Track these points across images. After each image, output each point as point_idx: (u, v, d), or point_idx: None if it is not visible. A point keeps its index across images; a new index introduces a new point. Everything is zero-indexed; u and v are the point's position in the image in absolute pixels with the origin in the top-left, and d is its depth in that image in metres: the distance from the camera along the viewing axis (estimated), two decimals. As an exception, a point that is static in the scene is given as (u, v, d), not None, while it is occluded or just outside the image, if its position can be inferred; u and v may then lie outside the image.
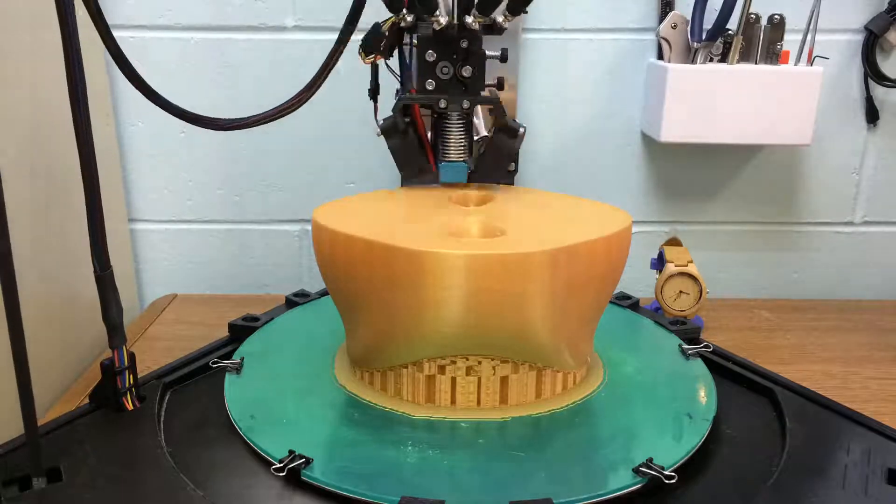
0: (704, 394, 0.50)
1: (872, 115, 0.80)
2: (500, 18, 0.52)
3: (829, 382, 0.62)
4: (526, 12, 0.55)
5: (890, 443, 0.46)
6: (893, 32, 0.77)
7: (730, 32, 0.72)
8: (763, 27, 0.72)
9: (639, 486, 0.40)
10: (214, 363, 0.54)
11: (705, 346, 0.56)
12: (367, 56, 0.53)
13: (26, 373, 0.38)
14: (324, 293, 0.66)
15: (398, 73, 0.58)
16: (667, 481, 0.40)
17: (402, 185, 0.57)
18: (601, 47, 0.79)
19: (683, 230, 0.84)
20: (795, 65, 0.73)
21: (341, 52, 0.50)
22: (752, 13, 0.71)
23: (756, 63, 0.72)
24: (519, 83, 0.77)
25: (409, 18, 0.52)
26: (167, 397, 0.51)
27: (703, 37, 0.72)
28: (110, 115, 0.78)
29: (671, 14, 0.73)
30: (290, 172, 0.82)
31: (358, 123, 0.80)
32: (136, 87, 0.48)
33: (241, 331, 0.59)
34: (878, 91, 0.80)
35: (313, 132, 0.81)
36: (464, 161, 0.55)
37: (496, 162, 0.56)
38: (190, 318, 0.76)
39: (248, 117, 0.50)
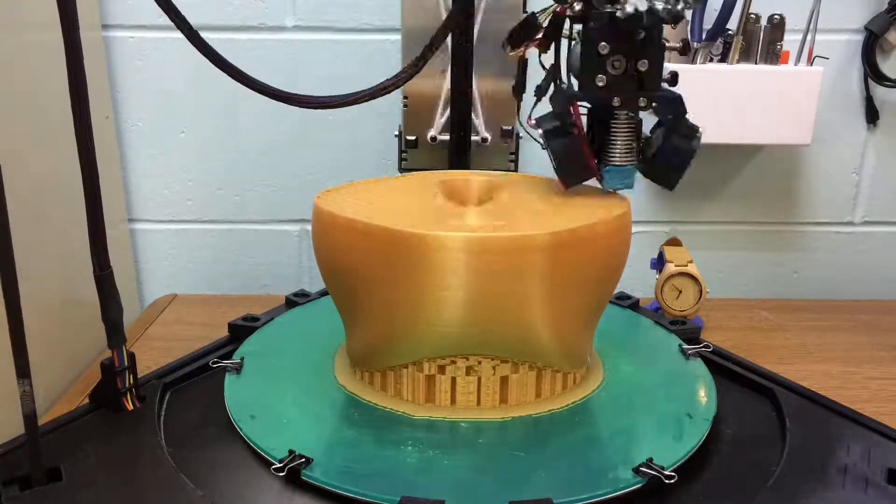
0: (704, 394, 0.50)
1: (872, 115, 0.80)
2: (679, 6, 0.46)
3: (829, 382, 0.62)
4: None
5: (890, 443, 0.46)
6: (893, 32, 0.77)
7: (730, 32, 0.72)
8: (763, 27, 0.72)
9: (639, 485, 0.40)
10: (214, 363, 0.54)
11: (705, 346, 0.56)
12: (513, 49, 0.50)
13: (26, 372, 0.38)
14: (324, 293, 0.66)
15: (546, 67, 0.52)
16: (667, 481, 0.40)
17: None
18: (601, 47, 0.78)
19: (683, 230, 0.84)
20: (795, 65, 0.73)
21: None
22: (752, 13, 0.71)
23: (756, 63, 0.72)
24: (519, 83, 0.77)
25: (578, 7, 0.47)
26: (167, 397, 0.51)
27: (703, 37, 0.72)
28: (110, 115, 0.78)
29: (671, 14, 0.73)
30: (290, 172, 0.82)
31: (359, 122, 0.80)
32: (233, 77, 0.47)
33: (241, 331, 0.59)
34: (878, 91, 0.80)
35: (314, 131, 0.81)
36: (632, 164, 0.50)
37: (669, 168, 0.51)
38: (190, 318, 0.76)
39: (339, 96, 0.50)
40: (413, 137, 0.70)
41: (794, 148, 0.82)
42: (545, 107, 0.51)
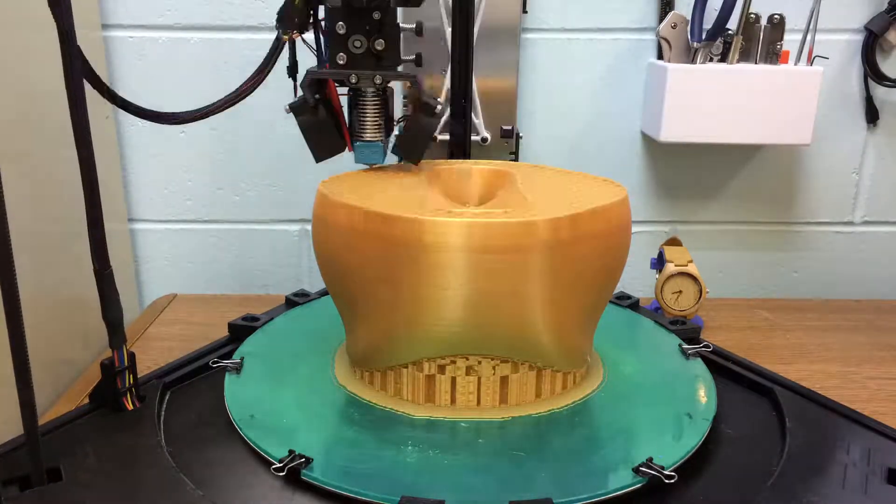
0: (704, 394, 0.50)
1: (872, 115, 0.80)
2: None
3: (829, 382, 0.62)
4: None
5: (890, 443, 0.46)
6: (893, 32, 0.77)
7: (730, 32, 0.72)
8: (763, 27, 0.72)
9: (639, 485, 0.40)
10: (214, 363, 0.54)
11: (705, 346, 0.56)
12: (283, 31, 0.50)
13: (26, 373, 0.38)
14: (324, 293, 0.66)
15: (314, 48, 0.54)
16: (667, 481, 0.40)
17: (317, 163, 0.54)
18: (601, 47, 0.79)
19: (683, 230, 0.84)
20: (795, 65, 0.73)
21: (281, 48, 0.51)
22: (752, 13, 0.71)
23: (756, 63, 0.73)
24: (519, 83, 0.77)
25: None
26: (167, 397, 0.51)
27: (703, 37, 0.72)
28: (110, 115, 0.78)
29: (671, 14, 0.73)
30: (290, 172, 0.82)
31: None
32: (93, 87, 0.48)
33: (241, 331, 0.59)
34: (878, 91, 0.80)
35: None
36: (379, 140, 0.53)
37: (414, 142, 0.54)
38: (190, 318, 0.76)
39: (205, 107, 0.51)
40: (413, 137, 0.70)
41: (794, 148, 0.82)
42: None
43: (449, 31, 0.66)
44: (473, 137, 0.69)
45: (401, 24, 0.51)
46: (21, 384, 0.38)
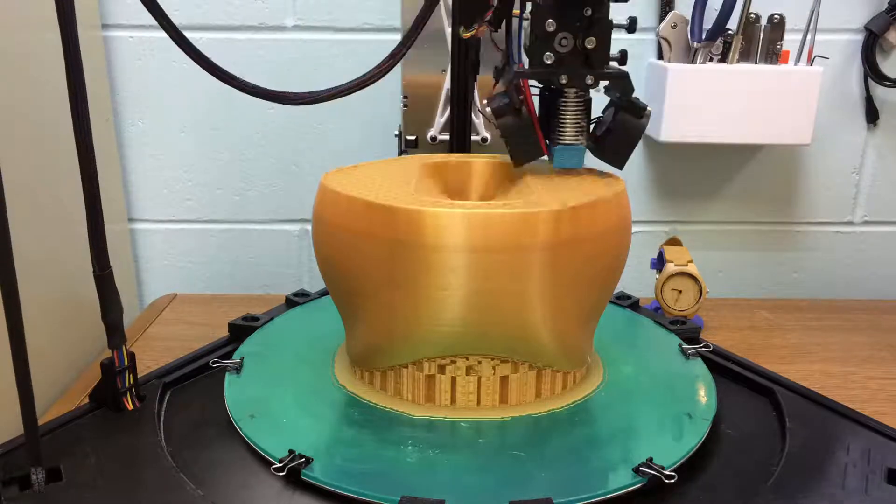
0: (704, 393, 0.50)
1: (872, 115, 0.80)
2: None
3: (829, 382, 0.62)
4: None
5: (890, 443, 0.46)
6: (893, 32, 0.77)
7: (730, 32, 0.72)
8: (763, 27, 0.72)
9: (638, 485, 0.40)
10: (214, 363, 0.54)
11: (705, 346, 0.56)
12: (467, 29, 0.49)
13: (26, 373, 0.38)
14: (324, 293, 0.66)
15: (500, 46, 0.52)
16: (667, 481, 0.40)
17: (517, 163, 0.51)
18: (601, 47, 0.78)
19: (683, 230, 0.84)
20: (795, 65, 0.73)
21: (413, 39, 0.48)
22: (752, 13, 0.71)
23: (756, 63, 0.73)
24: (519, 83, 0.77)
25: None
26: (167, 397, 0.51)
27: (703, 37, 0.72)
28: (110, 115, 0.78)
29: (671, 14, 0.73)
30: (290, 172, 0.82)
31: (359, 122, 0.80)
32: (212, 74, 0.46)
33: (241, 331, 0.59)
34: (878, 91, 0.80)
35: (314, 132, 0.81)
36: (581, 144, 0.50)
37: (617, 146, 0.50)
38: (190, 318, 0.76)
39: (321, 91, 0.49)
40: (413, 137, 0.70)
41: (794, 148, 0.82)
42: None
43: (449, 30, 0.66)
44: (473, 137, 0.69)
45: (613, 21, 0.48)
46: (21, 384, 0.38)
